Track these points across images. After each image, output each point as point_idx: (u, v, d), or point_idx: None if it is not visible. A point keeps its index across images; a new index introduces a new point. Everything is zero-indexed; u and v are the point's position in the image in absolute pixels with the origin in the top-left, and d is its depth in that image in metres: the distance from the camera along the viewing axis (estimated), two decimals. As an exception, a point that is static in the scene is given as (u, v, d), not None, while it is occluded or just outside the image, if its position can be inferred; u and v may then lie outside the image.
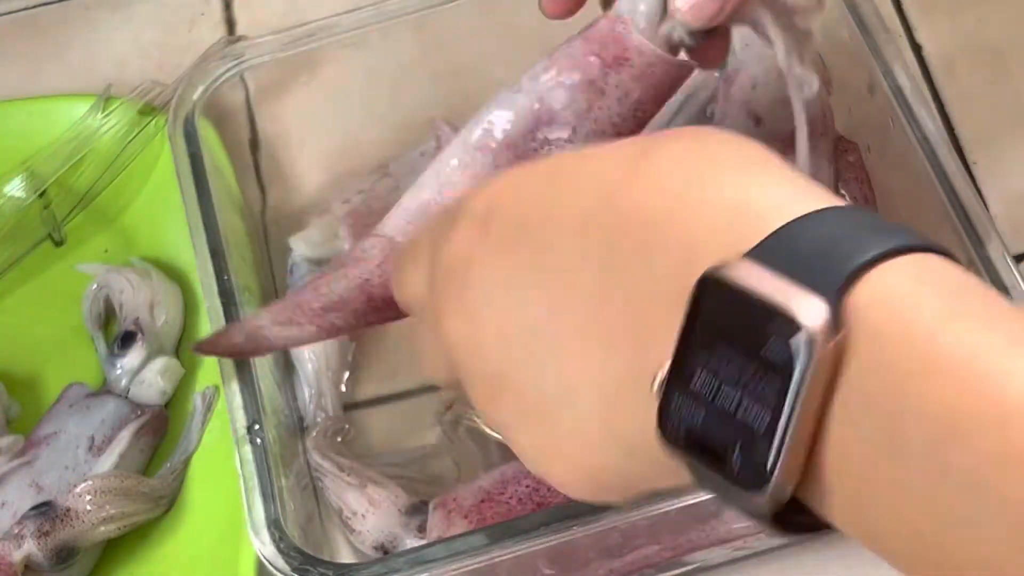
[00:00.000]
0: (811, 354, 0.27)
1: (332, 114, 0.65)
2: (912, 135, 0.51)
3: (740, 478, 0.29)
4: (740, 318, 0.29)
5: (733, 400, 0.29)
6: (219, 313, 0.52)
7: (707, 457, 0.29)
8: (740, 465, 0.29)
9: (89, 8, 0.73)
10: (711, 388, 0.29)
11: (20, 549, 0.51)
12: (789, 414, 0.28)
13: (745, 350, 0.28)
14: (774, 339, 0.28)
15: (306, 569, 0.45)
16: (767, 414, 0.28)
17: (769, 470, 0.28)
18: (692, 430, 0.29)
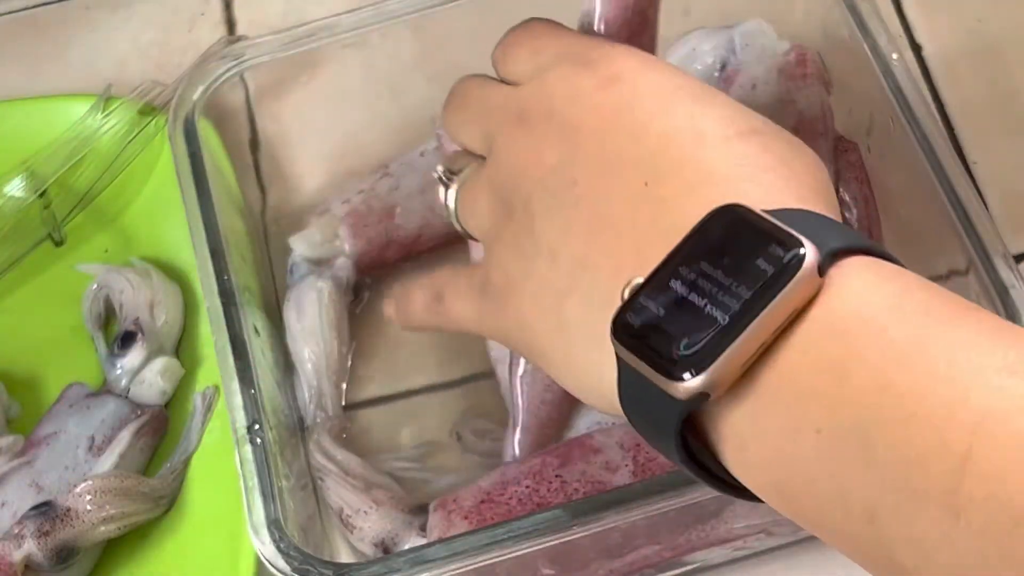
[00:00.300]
0: (799, 269, 0.31)
1: (332, 114, 0.65)
2: (912, 135, 0.51)
3: (676, 364, 0.32)
4: (741, 238, 0.32)
5: (705, 297, 0.32)
6: (219, 313, 0.52)
7: (649, 347, 0.33)
8: (683, 353, 0.32)
9: (89, 8, 0.73)
10: (687, 290, 0.33)
11: (20, 549, 0.51)
12: (756, 309, 0.31)
13: (735, 260, 0.32)
14: (768, 255, 0.32)
15: (306, 569, 0.45)
16: (735, 307, 0.31)
17: (711, 356, 0.31)
18: (647, 323, 0.33)
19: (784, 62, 0.59)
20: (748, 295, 0.31)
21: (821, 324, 0.31)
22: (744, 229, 0.33)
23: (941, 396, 0.28)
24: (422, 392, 0.58)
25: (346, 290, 0.59)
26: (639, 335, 0.33)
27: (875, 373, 0.29)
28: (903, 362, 0.29)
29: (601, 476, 0.49)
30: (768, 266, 0.31)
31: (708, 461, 0.34)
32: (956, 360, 0.29)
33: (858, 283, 0.32)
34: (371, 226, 0.59)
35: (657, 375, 0.32)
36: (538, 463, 0.50)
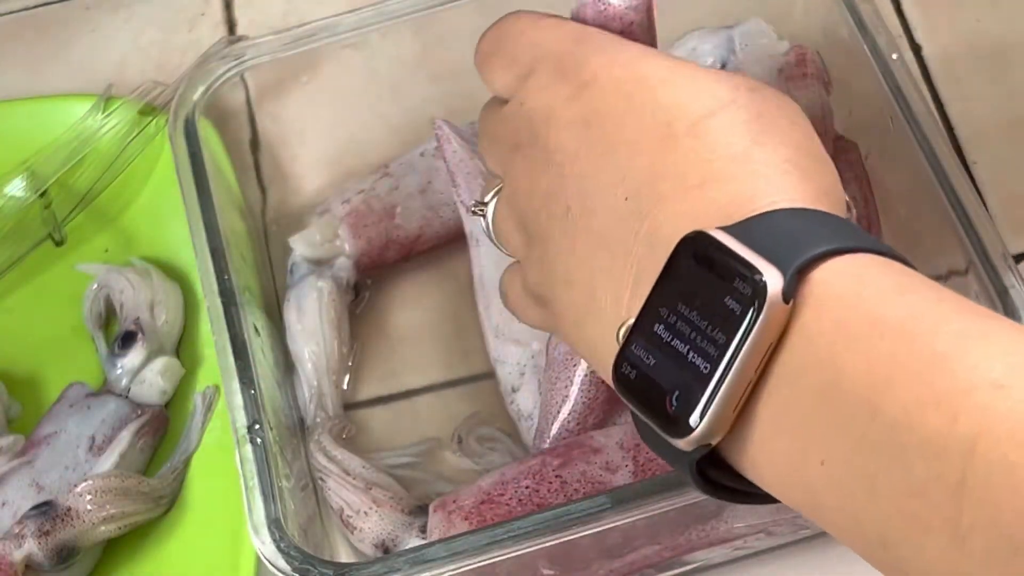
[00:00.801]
0: (763, 306, 0.31)
1: (332, 114, 0.65)
2: (912, 135, 0.51)
3: (672, 420, 0.32)
4: (709, 273, 0.32)
5: (687, 344, 0.32)
6: (219, 313, 0.52)
7: (648, 402, 0.33)
8: (676, 408, 0.32)
9: (89, 8, 0.73)
10: (670, 335, 0.33)
11: (21, 549, 0.51)
12: (733, 355, 0.31)
13: (707, 301, 0.32)
14: (734, 292, 0.32)
15: (306, 569, 0.45)
16: (714, 355, 0.32)
17: (701, 411, 0.32)
18: (642, 374, 0.33)
19: (784, 62, 0.59)
20: (723, 340, 0.31)
21: (801, 354, 0.31)
22: (710, 261, 0.33)
23: (930, 424, 0.28)
24: (422, 392, 0.58)
25: (346, 290, 0.59)
26: (637, 387, 0.34)
27: (862, 401, 0.29)
28: (888, 387, 0.29)
29: (601, 476, 0.49)
30: (736, 304, 0.31)
31: (735, 483, 0.34)
32: (939, 382, 0.28)
33: (831, 301, 0.31)
34: (371, 226, 0.59)
35: (659, 430, 0.33)
36: (538, 463, 0.50)
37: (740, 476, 0.34)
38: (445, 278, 0.60)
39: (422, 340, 0.59)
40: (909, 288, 0.31)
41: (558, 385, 0.52)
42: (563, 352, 0.52)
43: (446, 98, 0.64)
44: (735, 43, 0.60)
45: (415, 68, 0.63)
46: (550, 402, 0.52)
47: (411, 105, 0.64)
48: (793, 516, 0.50)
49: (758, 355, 0.31)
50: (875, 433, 0.29)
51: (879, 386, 0.29)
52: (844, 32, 0.55)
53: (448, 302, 0.60)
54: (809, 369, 0.31)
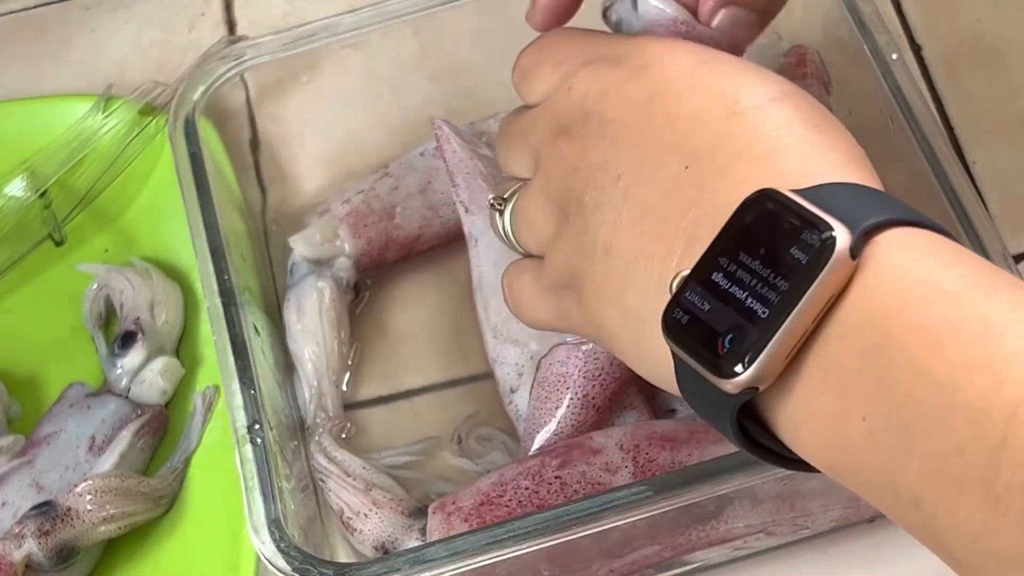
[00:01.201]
0: (831, 258, 0.31)
1: (332, 114, 0.65)
2: (912, 135, 0.51)
3: (723, 359, 0.33)
4: (775, 226, 0.33)
5: (746, 290, 0.33)
6: (219, 313, 0.52)
7: (698, 344, 0.34)
8: (729, 348, 0.33)
9: (89, 8, 0.73)
10: (728, 282, 0.33)
11: (21, 549, 0.51)
12: (794, 300, 0.32)
13: (771, 250, 0.33)
14: (801, 243, 0.32)
15: (306, 569, 0.45)
16: (775, 300, 0.32)
17: (755, 353, 0.32)
18: (695, 317, 0.34)
19: (784, 62, 0.59)
20: (785, 287, 0.32)
21: (859, 311, 0.32)
22: (777, 216, 0.33)
23: (976, 385, 0.29)
24: (422, 392, 0.58)
25: (346, 290, 0.59)
26: (688, 330, 0.34)
27: (912, 360, 0.30)
28: (939, 349, 0.30)
29: (601, 477, 0.49)
30: (802, 255, 0.32)
31: (767, 441, 0.35)
32: (991, 346, 0.29)
33: (893, 264, 0.32)
34: (371, 226, 0.59)
35: (707, 371, 0.33)
36: (537, 464, 0.50)
37: (772, 436, 0.35)
38: (445, 278, 0.60)
39: (422, 340, 0.59)
40: (964, 261, 0.32)
41: (547, 406, 0.52)
42: (555, 374, 0.52)
43: (446, 98, 0.64)
44: (735, 43, 0.60)
45: (415, 68, 0.63)
46: (536, 419, 0.52)
47: (411, 105, 0.64)
48: (793, 516, 0.50)
49: (818, 304, 0.32)
50: (921, 392, 0.29)
51: (930, 347, 0.30)
52: (844, 32, 0.55)
53: (448, 302, 0.60)
54: (863, 326, 0.31)
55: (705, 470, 0.45)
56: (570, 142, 0.42)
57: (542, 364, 0.53)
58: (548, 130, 0.43)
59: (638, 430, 0.50)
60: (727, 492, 0.45)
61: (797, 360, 0.32)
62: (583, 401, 0.51)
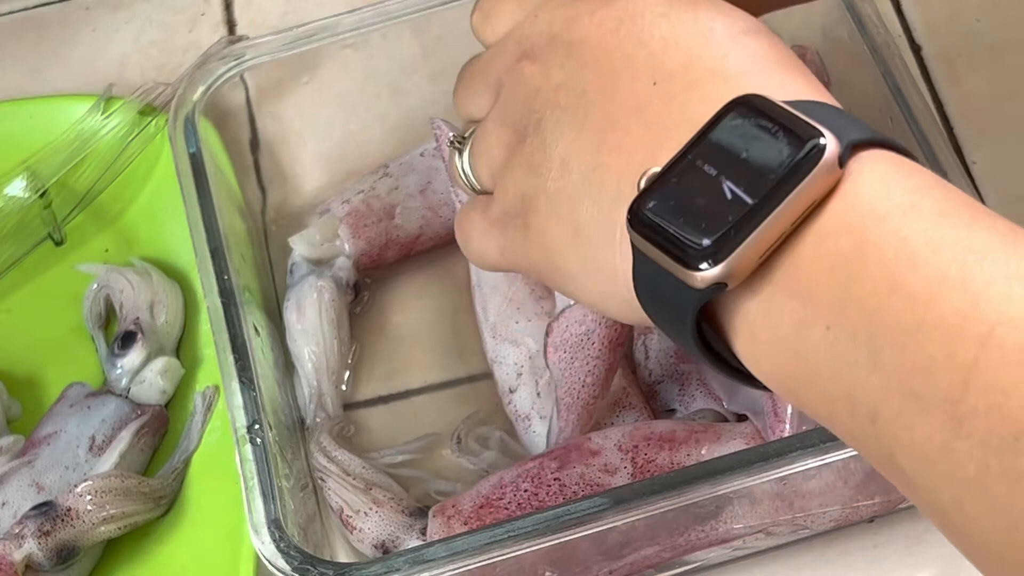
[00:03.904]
0: (819, 160, 0.31)
1: (332, 114, 0.65)
2: (912, 135, 0.51)
3: (693, 252, 0.31)
4: (759, 128, 0.32)
5: (722, 187, 0.32)
6: (219, 313, 0.52)
7: (667, 235, 0.32)
8: (701, 241, 0.31)
9: (90, 8, 0.73)
10: (703, 179, 0.32)
11: (21, 549, 0.52)
12: (777, 201, 0.31)
13: (753, 151, 0.32)
14: (787, 146, 0.31)
15: (306, 569, 0.45)
16: (755, 198, 0.31)
17: (731, 246, 0.31)
18: (665, 209, 0.33)
19: (784, 62, 0.59)
20: (768, 186, 0.31)
21: (837, 218, 0.31)
22: (763, 119, 0.32)
23: (951, 303, 0.28)
24: (422, 392, 0.58)
25: (346, 290, 0.59)
26: (655, 224, 0.33)
27: (886, 273, 0.29)
28: (915, 264, 0.29)
29: (600, 479, 0.49)
30: (788, 156, 0.31)
31: (721, 349, 0.34)
32: (968, 266, 0.28)
33: (875, 178, 0.31)
34: (371, 226, 0.59)
35: (674, 264, 0.32)
36: (536, 466, 0.50)
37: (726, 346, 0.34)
38: (444, 278, 0.60)
39: (422, 340, 0.59)
40: (944, 186, 0.31)
41: (575, 365, 0.51)
42: (576, 334, 0.51)
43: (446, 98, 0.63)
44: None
45: (415, 68, 0.63)
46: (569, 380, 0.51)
47: (411, 105, 0.64)
48: (792, 516, 0.50)
49: (801, 206, 0.31)
50: (892, 306, 0.29)
51: (906, 261, 0.29)
52: (844, 32, 0.55)
53: (447, 302, 0.60)
54: (839, 235, 0.31)
55: (704, 470, 0.45)
56: (533, 63, 0.40)
57: (554, 328, 0.51)
58: (509, 56, 0.42)
59: (636, 430, 0.51)
60: (726, 492, 0.45)
61: (768, 262, 0.32)
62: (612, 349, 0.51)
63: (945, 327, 0.28)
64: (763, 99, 0.33)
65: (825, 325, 0.30)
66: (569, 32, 0.40)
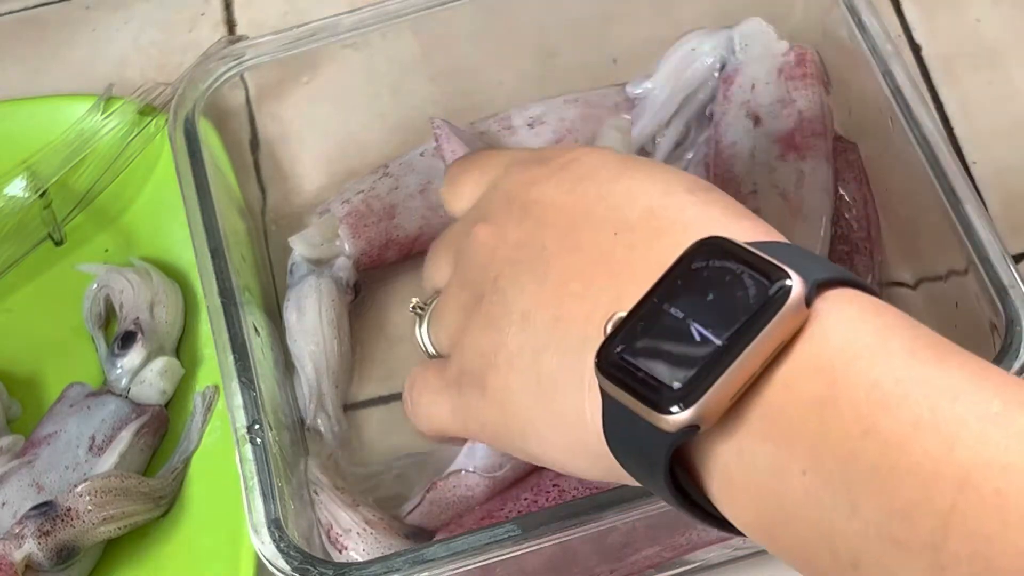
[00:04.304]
0: (785, 301, 0.31)
1: (332, 114, 0.65)
2: (911, 135, 0.51)
3: (664, 396, 0.31)
4: (724, 270, 0.32)
5: (689, 330, 0.32)
6: (219, 313, 0.52)
7: (637, 380, 0.32)
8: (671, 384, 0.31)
9: (89, 8, 0.73)
10: (670, 322, 0.32)
11: (21, 549, 0.51)
12: (746, 343, 0.31)
13: (720, 292, 0.32)
14: (752, 287, 0.31)
15: (306, 569, 0.45)
16: (723, 340, 0.31)
17: (701, 389, 0.31)
18: (633, 353, 0.32)
19: (784, 62, 0.59)
20: (736, 327, 0.31)
21: (807, 360, 0.31)
22: (728, 261, 0.32)
23: (925, 448, 0.28)
24: (422, 392, 0.58)
25: (346, 290, 0.59)
26: (624, 368, 0.32)
27: (858, 416, 0.29)
28: (887, 406, 0.29)
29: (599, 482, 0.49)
30: (755, 298, 0.31)
31: (696, 496, 0.33)
32: (941, 408, 0.28)
33: (842, 318, 0.31)
34: (371, 226, 0.59)
35: (645, 408, 0.32)
36: (535, 476, 0.50)
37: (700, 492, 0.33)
38: (445, 278, 0.60)
39: (422, 340, 0.59)
40: (911, 325, 0.31)
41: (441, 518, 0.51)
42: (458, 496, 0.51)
43: (446, 98, 0.64)
44: (735, 43, 0.60)
45: (415, 68, 0.63)
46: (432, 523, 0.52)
47: (411, 105, 0.64)
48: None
49: (769, 347, 0.31)
50: (867, 450, 0.28)
51: (878, 405, 0.29)
52: (844, 32, 0.55)
53: (448, 302, 0.60)
54: (810, 377, 0.30)
55: (705, 470, 0.45)
56: (488, 225, 0.41)
57: (439, 486, 0.51)
58: (468, 224, 0.42)
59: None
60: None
61: (740, 405, 0.31)
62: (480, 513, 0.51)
63: (920, 472, 0.28)
64: (727, 241, 0.33)
65: (801, 470, 0.30)
66: (527, 194, 0.40)
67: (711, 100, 0.60)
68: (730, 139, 0.58)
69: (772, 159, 0.56)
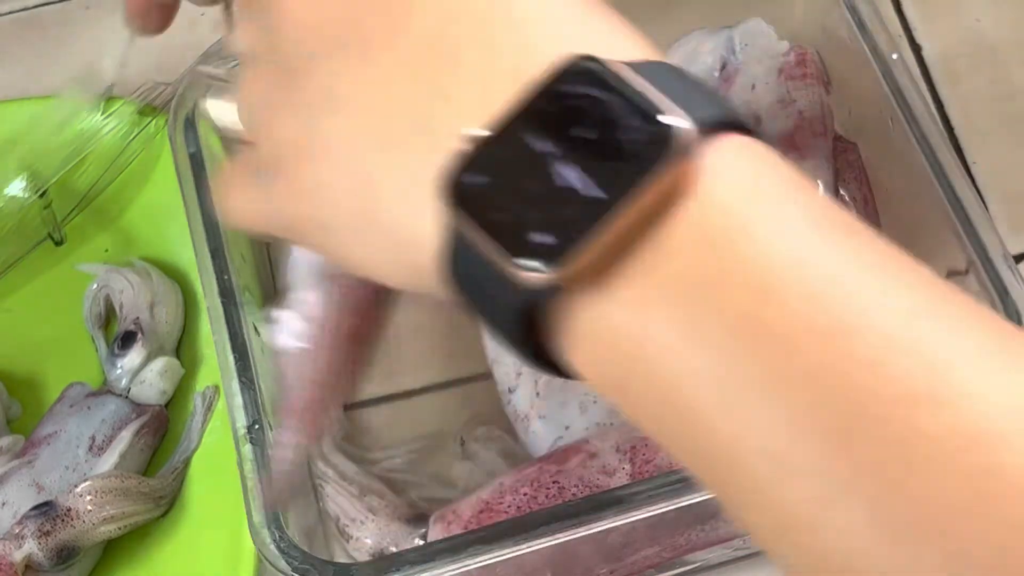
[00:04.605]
0: (669, 149, 0.26)
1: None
2: (912, 135, 0.51)
3: (525, 247, 0.27)
4: (598, 102, 0.27)
5: (558, 172, 0.27)
6: (219, 313, 0.52)
7: (496, 218, 0.27)
8: (532, 237, 0.27)
9: (89, 8, 0.73)
10: (537, 157, 0.27)
11: (21, 549, 0.51)
12: (620, 196, 0.26)
13: (591, 130, 0.27)
14: (634, 126, 0.27)
15: (306, 569, 0.45)
16: (596, 190, 0.26)
17: (569, 245, 0.26)
18: (495, 184, 0.28)
19: (784, 62, 0.59)
20: (608, 175, 0.27)
21: (692, 226, 0.27)
22: (604, 90, 0.27)
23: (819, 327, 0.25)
24: (422, 392, 0.58)
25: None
26: (477, 202, 0.28)
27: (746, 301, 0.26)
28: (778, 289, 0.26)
29: (598, 480, 0.49)
30: (633, 140, 0.27)
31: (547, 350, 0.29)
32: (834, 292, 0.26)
33: (734, 175, 0.27)
34: (371, 226, 0.59)
35: (501, 256, 0.27)
36: (535, 471, 0.50)
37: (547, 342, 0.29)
38: (445, 278, 0.60)
39: (422, 340, 0.59)
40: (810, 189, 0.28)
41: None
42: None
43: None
44: (735, 43, 0.60)
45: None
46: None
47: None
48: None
49: (650, 199, 0.26)
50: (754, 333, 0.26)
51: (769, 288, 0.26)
52: (844, 32, 0.55)
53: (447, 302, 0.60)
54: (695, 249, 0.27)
55: (705, 470, 0.45)
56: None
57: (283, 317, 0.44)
58: None
59: (634, 431, 0.50)
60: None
61: (610, 268, 0.27)
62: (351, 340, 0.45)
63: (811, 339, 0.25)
64: (606, 63, 0.28)
65: (682, 347, 0.26)
66: None
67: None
68: (730, 139, 0.57)
69: (772, 159, 0.56)
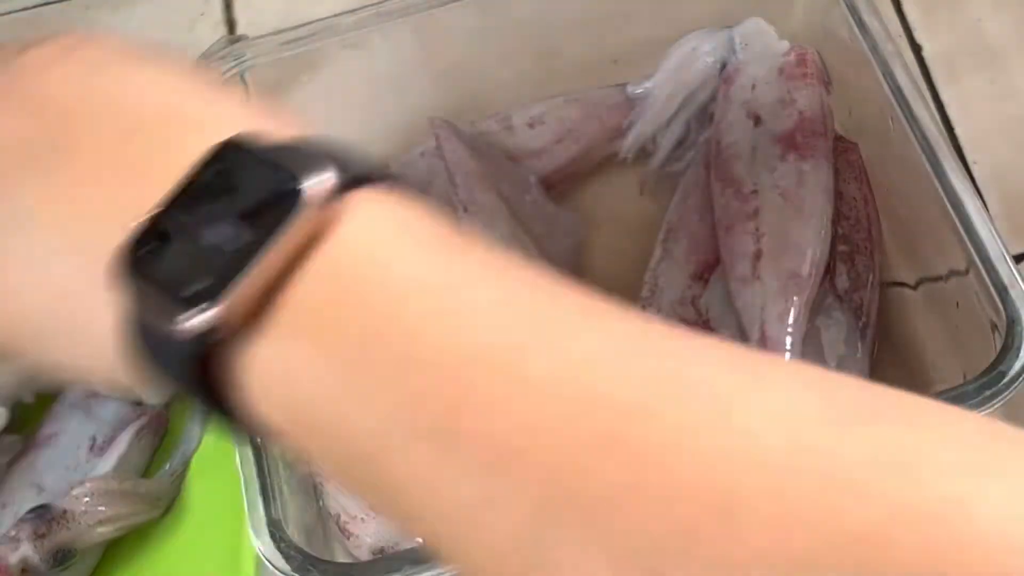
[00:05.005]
0: (300, 204, 0.31)
1: (332, 114, 0.65)
2: (912, 135, 0.51)
3: (182, 302, 0.30)
4: (243, 173, 0.32)
5: (211, 235, 0.31)
6: (219, 313, 0.52)
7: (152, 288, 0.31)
8: (187, 293, 0.30)
9: (89, 8, 0.73)
10: (190, 228, 0.31)
11: (16, 552, 0.51)
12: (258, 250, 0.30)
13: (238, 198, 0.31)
14: (270, 191, 0.31)
15: (306, 569, 0.45)
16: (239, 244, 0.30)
17: (217, 293, 0.30)
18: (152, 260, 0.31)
19: (784, 62, 0.59)
20: (257, 228, 0.31)
21: (326, 263, 0.31)
22: (249, 163, 0.32)
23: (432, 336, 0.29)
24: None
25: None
26: (144, 275, 0.32)
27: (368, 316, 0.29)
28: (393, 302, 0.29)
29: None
30: (271, 202, 0.31)
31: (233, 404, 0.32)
32: (446, 298, 0.29)
33: (365, 218, 0.31)
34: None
35: (163, 314, 0.31)
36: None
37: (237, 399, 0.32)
38: (445, 278, 0.60)
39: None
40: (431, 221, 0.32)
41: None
42: None
43: (446, 98, 0.64)
44: (735, 43, 0.60)
45: (415, 68, 0.63)
46: None
47: (411, 105, 0.64)
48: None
49: (287, 249, 0.30)
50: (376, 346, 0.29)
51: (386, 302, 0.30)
52: (844, 32, 0.55)
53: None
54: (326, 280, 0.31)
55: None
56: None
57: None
58: None
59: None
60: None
61: (262, 311, 0.31)
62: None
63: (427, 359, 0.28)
64: (249, 140, 0.32)
65: (319, 372, 0.30)
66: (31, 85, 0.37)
67: (712, 100, 0.60)
68: (730, 139, 0.57)
69: (772, 159, 0.56)
